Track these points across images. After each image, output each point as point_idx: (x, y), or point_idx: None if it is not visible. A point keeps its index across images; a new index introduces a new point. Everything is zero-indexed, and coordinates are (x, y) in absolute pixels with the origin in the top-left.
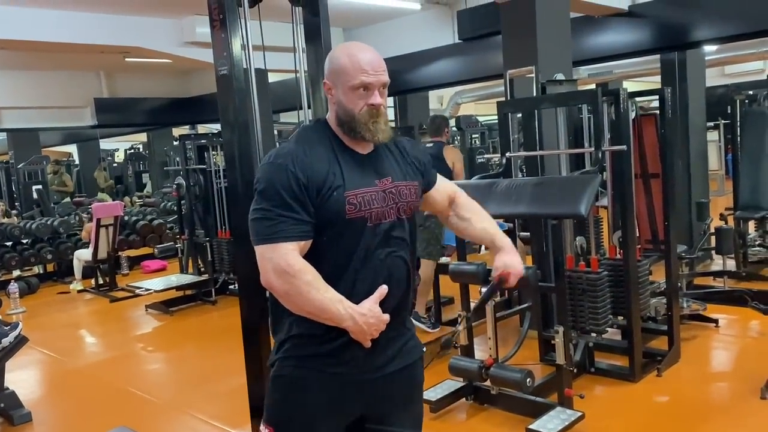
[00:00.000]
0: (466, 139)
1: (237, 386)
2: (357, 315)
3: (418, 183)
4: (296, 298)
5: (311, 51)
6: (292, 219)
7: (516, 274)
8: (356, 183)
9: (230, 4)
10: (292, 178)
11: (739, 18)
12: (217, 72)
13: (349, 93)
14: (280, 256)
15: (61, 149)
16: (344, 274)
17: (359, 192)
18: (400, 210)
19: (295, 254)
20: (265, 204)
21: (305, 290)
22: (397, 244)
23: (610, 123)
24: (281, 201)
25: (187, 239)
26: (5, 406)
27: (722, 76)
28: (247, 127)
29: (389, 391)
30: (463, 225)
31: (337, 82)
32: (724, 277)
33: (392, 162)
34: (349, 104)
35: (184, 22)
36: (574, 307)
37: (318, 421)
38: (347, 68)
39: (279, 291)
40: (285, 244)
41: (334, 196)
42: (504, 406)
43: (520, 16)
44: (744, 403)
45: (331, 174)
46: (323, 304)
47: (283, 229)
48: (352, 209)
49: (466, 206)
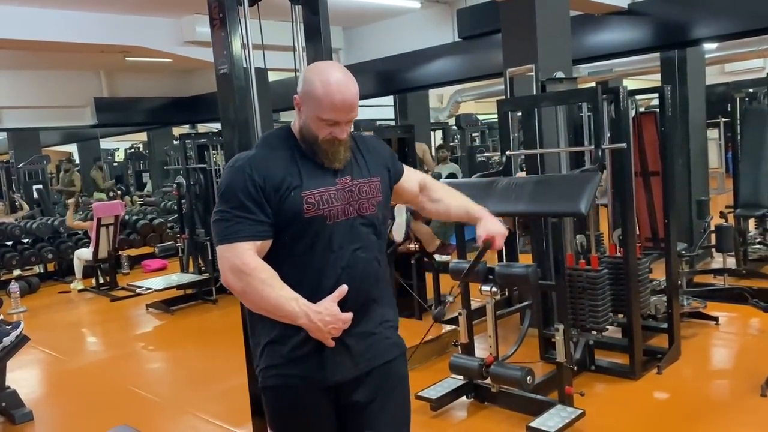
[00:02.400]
0: (466, 137)
1: (238, 385)
2: (312, 312)
3: (380, 178)
4: (252, 295)
5: (311, 50)
6: (248, 220)
7: (501, 235)
8: (314, 183)
9: (230, 3)
10: (249, 180)
11: (739, 15)
12: (217, 71)
13: (317, 121)
14: (236, 256)
15: (61, 149)
16: (308, 273)
17: (317, 191)
18: (360, 207)
19: (251, 253)
20: (223, 206)
21: (260, 288)
22: (362, 241)
23: (610, 121)
24: (238, 203)
25: (188, 238)
26: (6, 405)
27: (722, 74)
28: (248, 126)
29: (367, 388)
30: (436, 206)
31: (307, 105)
32: (725, 275)
33: (352, 160)
34: (315, 129)
35: (183, 22)
36: (575, 305)
37: (312, 422)
38: (321, 101)
39: (236, 289)
40: (241, 243)
41: (292, 196)
42: (504, 404)
43: (520, 14)
44: (744, 401)
45: (288, 175)
46: (278, 301)
47: (240, 229)
48: (310, 208)
49: (436, 188)
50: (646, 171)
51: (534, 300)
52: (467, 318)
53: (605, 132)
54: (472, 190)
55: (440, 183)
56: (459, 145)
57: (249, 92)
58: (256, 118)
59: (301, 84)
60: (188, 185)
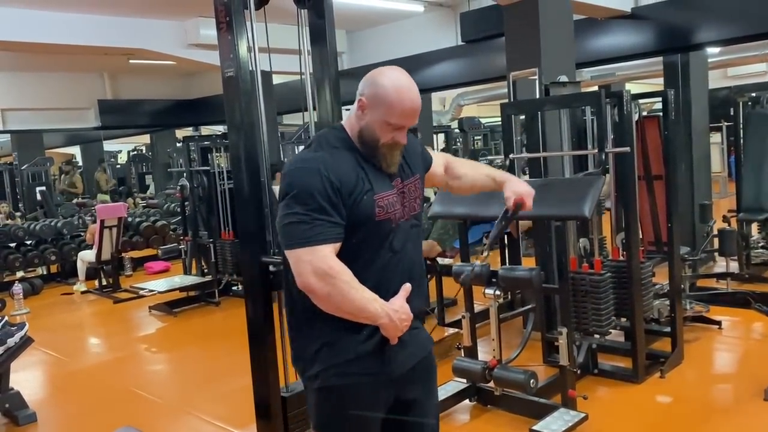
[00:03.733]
0: (469, 140)
1: (241, 387)
2: (391, 312)
3: (419, 175)
4: (337, 298)
5: (316, 53)
6: (327, 222)
7: (529, 196)
8: (380, 186)
9: (237, 6)
10: (326, 181)
11: (742, 20)
12: (223, 73)
13: (384, 125)
14: (320, 259)
15: (64, 151)
16: (371, 274)
17: (384, 195)
18: (411, 208)
19: (333, 256)
20: (299, 208)
21: (346, 290)
22: (414, 241)
23: (614, 125)
24: (317, 205)
25: (191, 240)
26: (10, 406)
27: (725, 78)
28: (254, 129)
29: (415, 383)
30: (461, 182)
31: (375, 109)
32: (727, 279)
33: (402, 162)
34: (378, 132)
35: (187, 24)
36: (578, 309)
37: (369, 422)
38: (393, 106)
39: (320, 293)
40: (323, 246)
41: (365, 200)
42: (507, 407)
43: (524, 18)
44: (747, 405)
45: (360, 178)
46: (362, 303)
47: (321, 232)
48: (381, 212)
49: (457, 164)
50: (649, 175)
51: (537, 303)
52: (470, 321)
53: (608, 136)
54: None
55: (460, 159)
56: (461, 148)
57: (255, 95)
58: (262, 120)
59: (369, 87)
60: (191, 187)
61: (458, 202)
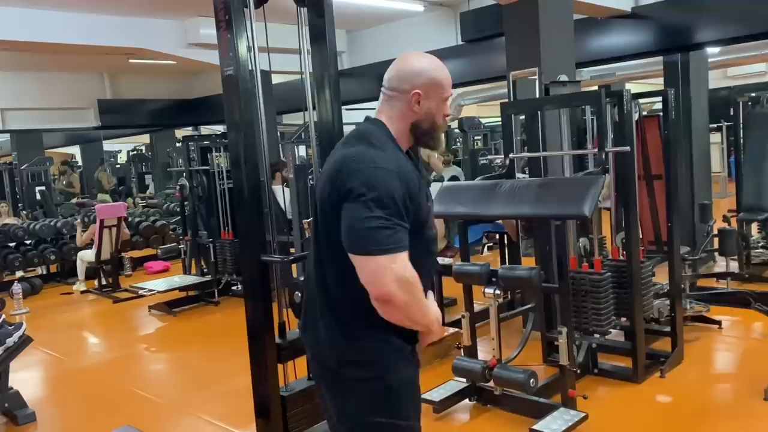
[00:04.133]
0: (469, 140)
1: (241, 387)
2: (439, 318)
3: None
4: (413, 307)
5: (316, 52)
6: (404, 228)
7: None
8: (426, 193)
9: (236, 5)
10: (404, 186)
11: (742, 20)
12: (222, 73)
13: (442, 104)
14: (403, 267)
15: (64, 150)
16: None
17: (429, 202)
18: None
19: (410, 264)
20: (381, 212)
21: (420, 298)
22: (435, 247)
23: (614, 124)
24: (396, 210)
25: (190, 240)
26: (10, 405)
27: (725, 78)
28: (253, 128)
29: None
30: None
31: (432, 94)
32: (727, 279)
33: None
34: (436, 113)
35: (187, 24)
36: (578, 308)
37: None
38: (443, 82)
39: (399, 301)
40: (404, 254)
41: (424, 205)
42: (507, 407)
43: (524, 17)
44: (747, 405)
45: (420, 183)
46: (428, 311)
47: (401, 238)
48: (429, 217)
49: None
50: (649, 174)
51: (537, 303)
52: (470, 320)
53: (608, 135)
54: (475, 193)
55: None
56: (461, 148)
57: (254, 94)
58: (261, 120)
59: (416, 77)
60: (191, 187)
61: (458, 202)
